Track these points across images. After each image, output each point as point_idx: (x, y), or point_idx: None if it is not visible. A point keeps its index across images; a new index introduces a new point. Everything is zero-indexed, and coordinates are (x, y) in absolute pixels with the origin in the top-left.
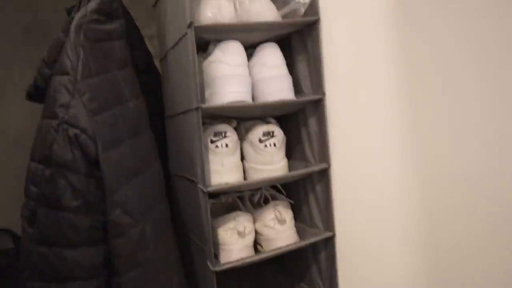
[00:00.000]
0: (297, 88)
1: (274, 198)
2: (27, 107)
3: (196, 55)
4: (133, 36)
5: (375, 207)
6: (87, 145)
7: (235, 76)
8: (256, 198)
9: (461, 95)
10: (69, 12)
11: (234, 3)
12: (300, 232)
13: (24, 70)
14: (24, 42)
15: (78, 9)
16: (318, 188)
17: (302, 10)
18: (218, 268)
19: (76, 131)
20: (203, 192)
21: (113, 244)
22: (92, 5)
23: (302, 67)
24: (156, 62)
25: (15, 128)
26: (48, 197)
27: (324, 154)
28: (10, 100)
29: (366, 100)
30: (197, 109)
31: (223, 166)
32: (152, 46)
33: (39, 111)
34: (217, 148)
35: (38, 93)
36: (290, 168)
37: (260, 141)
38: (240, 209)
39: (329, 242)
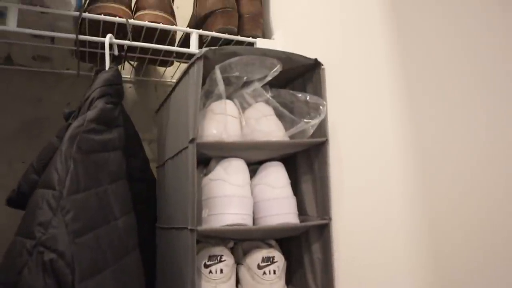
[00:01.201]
0: (301, 210)
1: None
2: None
3: (196, 172)
4: (131, 143)
5: None
6: (63, 274)
7: (236, 197)
8: None
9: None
10: (67, 117)
11: (240, 120)
12: None
13: (15, 167)
14: (19, 138)
15: (77, 116)
16: None
17: (311, 130)
18: None
19: (53, 255)
20: None
21: None
22: (91, 114)
23: (307, 187)
24: (153, 167)
25: None
26: None
27: (328, 285)
28: None
29: (378, 226)
30: (192, 231)
31: None
32: (151, 151)
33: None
34: (211, 274)
35: (21, 199)
36: None
37: (259, 267)
38: None
39: None
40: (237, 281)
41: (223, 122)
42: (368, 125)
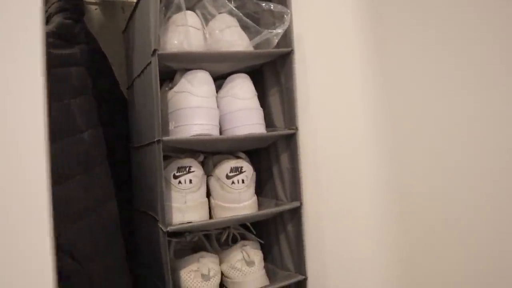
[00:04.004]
0: (269, 122)
1: (243, 237)
2: None
3: (158, 85)
4: (97, 63)
5: (349, 249)
6: None
7: (201, 108)
8: (223, 237)
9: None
10: None
11: (204, 32)
12: (270, 275)
13: None
14: None
15: None
16: (290, 227)
17: (275, 40)
18: None
19: None
20: (163, 231)
21: None
22: (48, 28)
23: (274, 100)
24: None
25: None
26: None
27: (296, 192)
28: None
29: (342, 134)
30: (158, 142)
31: (186, 204)
32: (123, 73)
33: None
34: (180, 184)
35: None
36: (260, 205)
37: (228, 177)
38: (206, 249)
39: (301, 286)
40: (209, 193)
41: (184, 32)
42: (334, 37)
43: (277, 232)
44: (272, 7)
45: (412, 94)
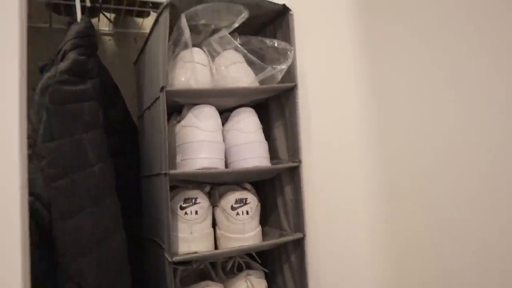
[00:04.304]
0: (274, 154)
1: (248, 266)
2: None
3: (166, 120)
4: (109, 94)
5: (353, 280)
6: (41, 214)
7: (207, 142)
8: (229, 266)
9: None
10: (42, 70)
11: (210, 68)
12: None
13: None
14: None
15: (51, 68)
16: (293, 258)
17: (279, 76)
18: None
19: (30, 198)
20: (169, 261)
21: None
22: (63, 65)
23: (279, 132)
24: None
25: None
26: None
27: (299, 224)
28: None
29: (343, 167)
30: (165, 174)
31: (192, 234)
32: (135, 104)
33: None
34: (186, 215)
35: None
36: (265, 236)
37: (232, 208)
38: (211, 277)
39: None
40: (214, 223)
41: (191, 69)
42: (336, 73)
43: (281, 262)
44: (276, 44)
45: (412, 125)
